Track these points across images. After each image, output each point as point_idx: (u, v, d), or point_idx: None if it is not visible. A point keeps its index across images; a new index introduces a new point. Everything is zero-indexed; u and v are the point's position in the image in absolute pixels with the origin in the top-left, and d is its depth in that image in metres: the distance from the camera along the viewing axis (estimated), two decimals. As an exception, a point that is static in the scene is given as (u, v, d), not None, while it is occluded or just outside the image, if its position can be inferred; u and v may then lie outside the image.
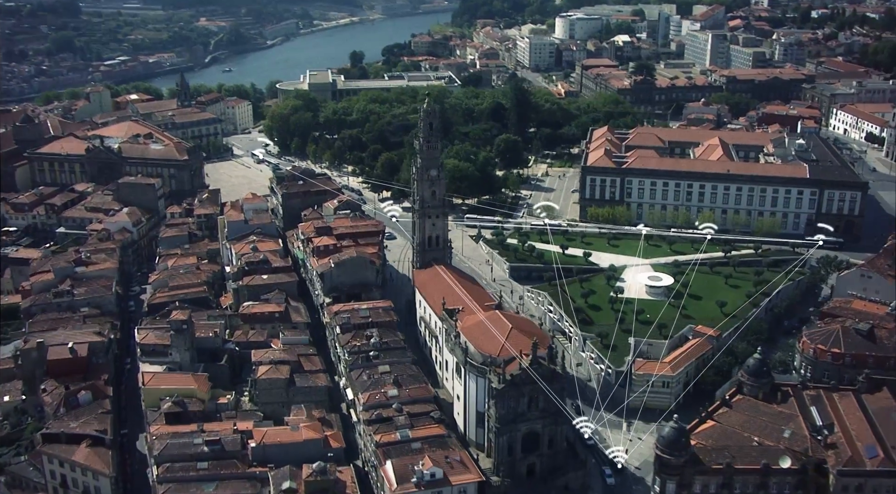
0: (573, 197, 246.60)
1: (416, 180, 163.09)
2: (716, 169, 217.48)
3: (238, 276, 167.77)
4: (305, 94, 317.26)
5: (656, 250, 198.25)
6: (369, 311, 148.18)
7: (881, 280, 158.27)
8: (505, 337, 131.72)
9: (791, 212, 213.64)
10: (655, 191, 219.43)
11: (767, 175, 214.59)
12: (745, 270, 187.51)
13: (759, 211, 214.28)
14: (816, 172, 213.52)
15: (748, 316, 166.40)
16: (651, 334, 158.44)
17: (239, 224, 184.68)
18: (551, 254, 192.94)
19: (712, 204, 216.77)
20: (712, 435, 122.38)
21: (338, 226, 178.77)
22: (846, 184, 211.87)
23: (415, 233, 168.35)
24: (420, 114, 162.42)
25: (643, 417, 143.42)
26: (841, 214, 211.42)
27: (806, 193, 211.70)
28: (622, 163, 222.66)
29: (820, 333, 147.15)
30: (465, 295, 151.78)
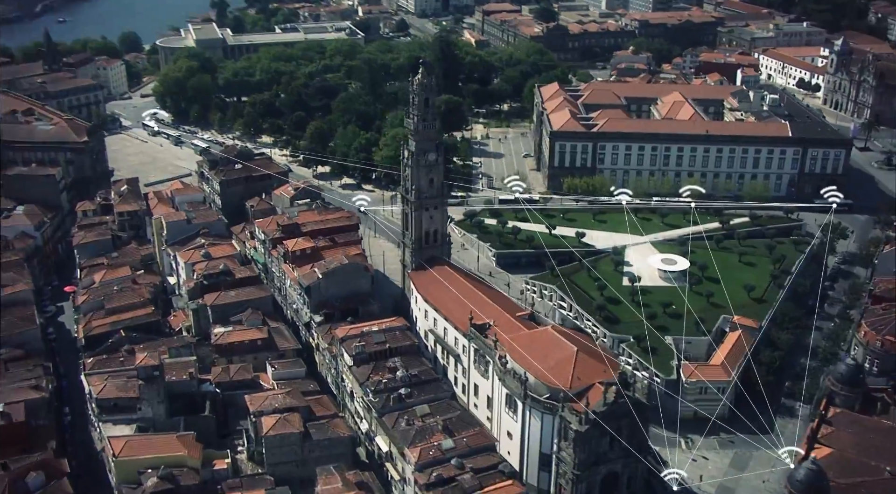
0: (527, 163, 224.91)
1: (410, 166, 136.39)
2: (693, 130, 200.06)
3: (196, 293, 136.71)
4: (197, 54, 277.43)
5: (648, 224, 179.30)
6: (384, 334, 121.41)
7: None
8: (573, 364, 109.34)
9: (773, 174, 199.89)
10: (630, 157, 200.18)
11: (750, 135, 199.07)
12: (752, 243, 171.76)
13: (739, 173, 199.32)
14: (798, 130, 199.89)
15: (777, 300, 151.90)
16: (686, 330, 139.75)
17: (180, 224, 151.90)
18: (538, 237, 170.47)
19: (691, 167, 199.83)
20: (834, 466, 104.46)
21: (305, 222, 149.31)
22: (831, 141, 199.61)
23: (406, 228, 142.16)
24: (413, 86, 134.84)
25: (697, 429, 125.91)
26: (824, 174, 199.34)
27: (789, 153, 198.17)
28: (591, 127, 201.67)
29: (884, 321, 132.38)
30: (490, 304, 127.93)
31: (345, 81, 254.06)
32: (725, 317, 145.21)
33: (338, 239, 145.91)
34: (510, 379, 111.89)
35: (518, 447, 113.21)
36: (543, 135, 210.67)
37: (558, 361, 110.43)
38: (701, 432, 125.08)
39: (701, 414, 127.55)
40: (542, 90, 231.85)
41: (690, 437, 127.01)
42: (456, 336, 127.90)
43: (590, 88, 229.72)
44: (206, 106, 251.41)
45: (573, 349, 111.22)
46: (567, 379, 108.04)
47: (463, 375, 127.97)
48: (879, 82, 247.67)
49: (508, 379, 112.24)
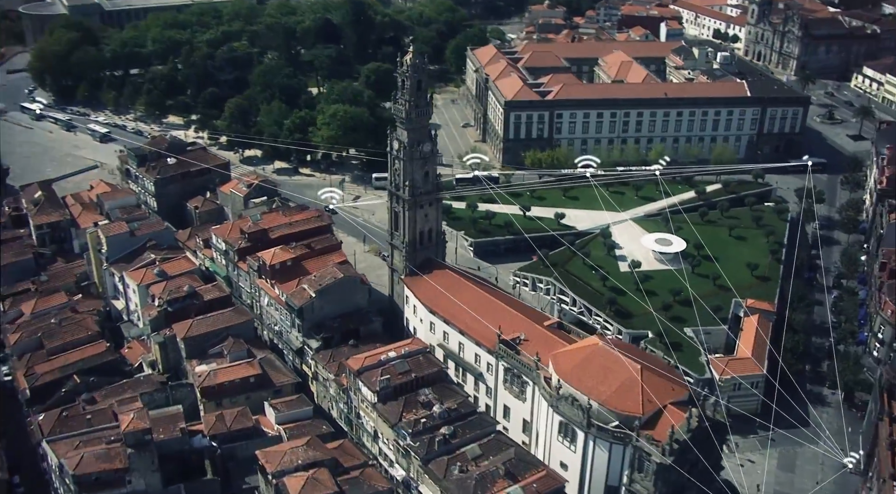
0: (469, 134, 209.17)
1: (402, 159, 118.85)
2: (652, 93, 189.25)
3: (160, 323, 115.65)
4: (73, 23, 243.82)
5: (623, 199, 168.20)
6: (407, 362, 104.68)
7: None
8: (640, 386, 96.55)
9: (732, 135, 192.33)
10: (589, 125, 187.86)
11: (710, 96, 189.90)
12: (735, 213, 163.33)
13: (699, 137, 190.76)
14: (756, 89, 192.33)
15: (779, 277, 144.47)
16: (701, 319, 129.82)
17: (122, 238, 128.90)
18: (515, 221, 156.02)
19: (650, 133, 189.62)
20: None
21: (272, 227, 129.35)
22: (789, 99, 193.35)
23: (396, 228, 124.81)
24: (402, 67, 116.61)
25: (733, 429, 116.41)
26: (782, 133, 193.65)
27: (748, 113, 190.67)
28: (545, 95, 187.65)
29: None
30: (511, 313, 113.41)
31: (253, 50, 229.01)
32: (738, 301, 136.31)
33: (314, 245, 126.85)
34: (567, 405, 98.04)
35: (577, 478, 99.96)
36: (490, 103, 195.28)
37: (623, 383, 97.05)
38: (735, 431, 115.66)
39: (734, 411, 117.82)
40: (477, 54, 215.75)
41: (728, 438, 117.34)
42: (477, 352, 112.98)
43: (528, 50, 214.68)
44: (96, 84, 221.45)
45: (636, 367, 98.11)
46: (638, 404, 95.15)
47: (487, 395, 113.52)
48: (805, 33, 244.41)
49: (564, 405, 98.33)
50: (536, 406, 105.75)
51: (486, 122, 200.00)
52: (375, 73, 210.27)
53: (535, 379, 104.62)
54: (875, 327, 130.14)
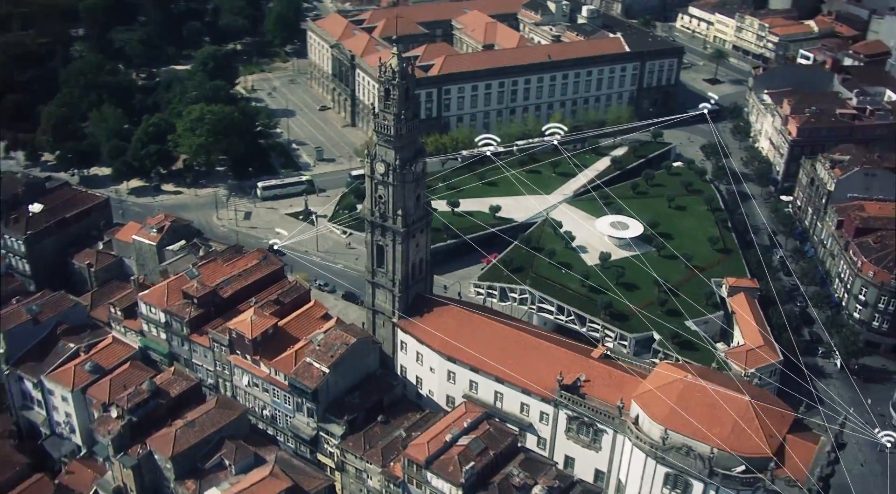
0: (332, 118, 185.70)
1: (392, 184, 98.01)
2: (535, 57, 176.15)
3: (125, 441, 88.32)
4: None
5: (542, 179, 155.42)
6: (481, 439, 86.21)
7: (887, 174, 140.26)
8: (757, 421, 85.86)
9: (615, 93, 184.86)
10: (477, 98, 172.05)
11: (593, 55, 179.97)
12: (661, 181, 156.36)
13: (584, 98, 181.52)
14: (633, 43, 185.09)
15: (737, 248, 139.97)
16: (692, 307, 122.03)
17: (24, 328, 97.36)
18: (446, 219, 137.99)
19: (538, 100, 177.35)
20: None
21: (218, 281, 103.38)
22: (665, 51, 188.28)
23: (380, 264, 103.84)
24: (385, 74, 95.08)
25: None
26: (660, 86, 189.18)
27: (629, 68, 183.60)
28: (427, 68, 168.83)
29: (882, 254, 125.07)
30: (549, 348, 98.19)
31: (45, 41, 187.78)
32: (718, 281, 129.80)
33: (283, 298, 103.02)
34: (678, 456, 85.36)
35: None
36: (361, 84, 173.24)
37: (737, 421, 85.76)
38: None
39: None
40: (324, 25, 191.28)
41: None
42: (524, 401, 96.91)
43: (377, 17, 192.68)
44: None
45: (745, 401, 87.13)
46: (763, 442, 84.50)
47: (539, 446, 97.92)
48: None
49: (676, 456, 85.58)
50: (620, 455, 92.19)
51: (356, 105, 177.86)
52: (214, 58, 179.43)
53: (618, 427, 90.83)
54: (855, 289, 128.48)
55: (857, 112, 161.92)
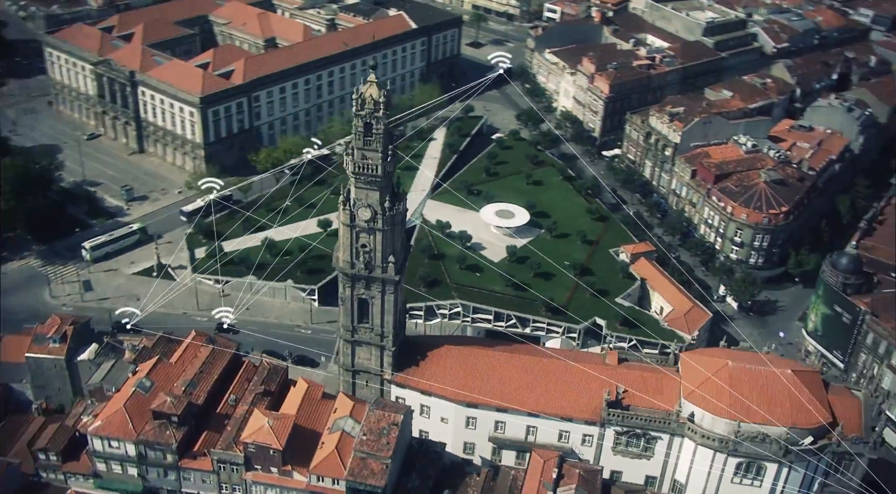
0: (110, 145, 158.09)
1: (382, 229, 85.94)
2: (333, 48, 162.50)
3: None
4: None
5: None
6: (583, 489, 79.31)
7: (720, 120, 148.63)
8: (806, 392, 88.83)
9: (407, 72, 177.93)
10: (286, 100, 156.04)
11: (386, 37, 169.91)
12: (502, 158, 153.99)
13: (382, 82, 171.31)
14: (418, 18, 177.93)
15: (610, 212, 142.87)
16: (611, 283, 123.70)
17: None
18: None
19: (342, 91, 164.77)
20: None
21: (180, 385, 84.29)
22: (447, 23, 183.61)
23: (361, 320, 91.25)
24: (363, 107, 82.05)
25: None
26: (445, 58, 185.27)
27: (417, 45, 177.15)
28: (228, 76, 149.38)
29: (747, 196, 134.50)
30: (569, 367, 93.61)
31: None
32: (616, 250, 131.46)
33: (267, 387, 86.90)
34: (754, 443, 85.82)
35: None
36: (150, 103, 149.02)
37: (791, 396, 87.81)
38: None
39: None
40: (67, 37, 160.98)
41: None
42: (563, 429, 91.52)
43: (129, 21, 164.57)
44: None
45: (789, 373, 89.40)
46: (821, 410, 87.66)
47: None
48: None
49: (751, 444, 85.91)
50: (676, 457, 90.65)
51: (143, 128, 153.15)
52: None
53: (676, 430, 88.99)
54: (730, 232, 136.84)
55: (650, 62, 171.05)
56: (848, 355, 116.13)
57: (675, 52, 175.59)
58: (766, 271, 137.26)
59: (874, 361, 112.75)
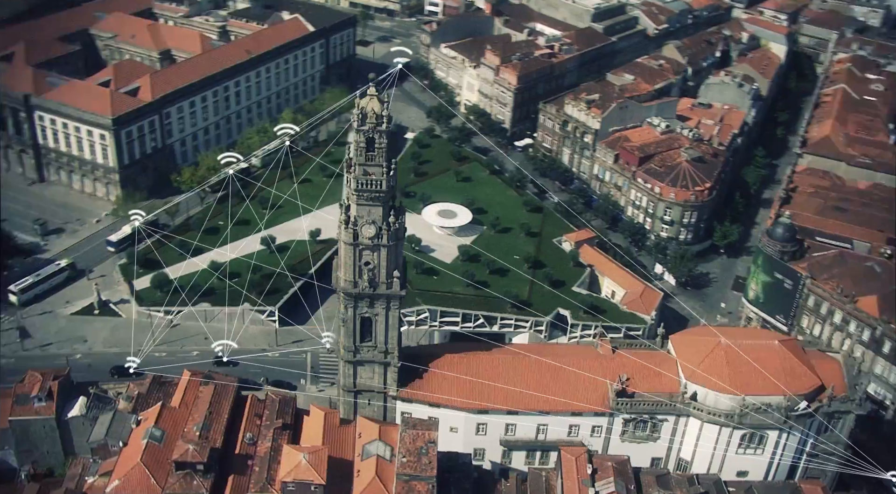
0: (4, 179, 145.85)
1: (387, 245, 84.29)
2: (237, 57, 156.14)
3: None
4: None
5: (314, 186, 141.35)
6: (620, 481, 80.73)
7: (634, 104, 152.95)
8: (795, 359, 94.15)
9: (308, 76, 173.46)
10: (196, 115, 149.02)
11: (287, 42, 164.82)
12: (425, 157, 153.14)
13: (285, 88, 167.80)
14: (315, 20, 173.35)
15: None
16: (568, 272, 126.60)
17: None
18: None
19: (248, 101, 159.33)
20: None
21: (192, 430, 79.74)
22: (342, 23, 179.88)
23: (364, 339, 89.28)
24: (364, 121, 79.80)
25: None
26: (342, 59, 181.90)
27: (317, 48, 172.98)
28: (134, 93, 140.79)
29: (673, 175, 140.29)
30: (566, 357, 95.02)
31: None
32: (559, 240, 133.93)
33: (286, 419, 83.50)
34: (759, 414, 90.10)
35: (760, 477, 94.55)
36: (45, 129, 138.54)
37: (783, 365, 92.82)
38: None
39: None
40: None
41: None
42: (572, 423, 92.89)
43: (6, 40, 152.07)
44: None
45: (775, 344, 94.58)
46: (811, 375, 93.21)
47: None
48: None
49: (756, 415, 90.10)
50: (682, 437, 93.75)
51: (43, 156, 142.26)
52: None
53: (682, 411, 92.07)
54: (659, 212, 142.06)
55: (550, 50, 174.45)
56: (791, 318, 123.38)
57: (571, 40, 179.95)
58: (696, 246, 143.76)
59: (817, 321, 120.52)
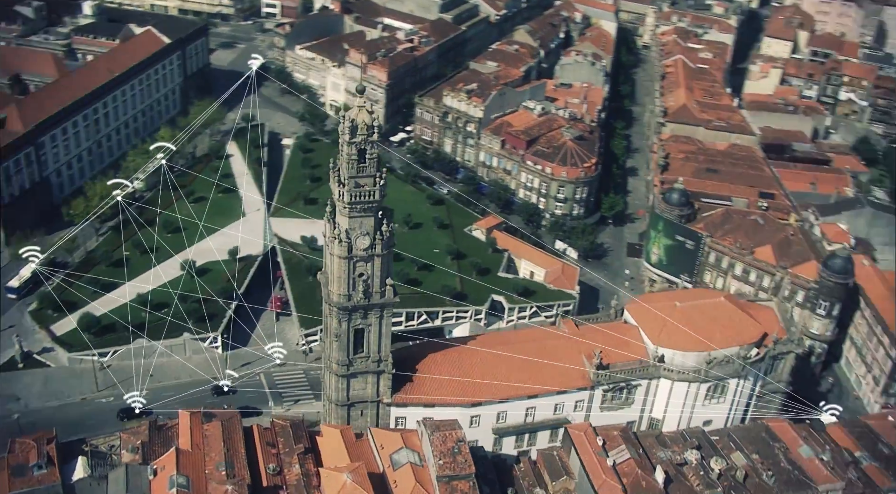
0: None
1: (381, 254, 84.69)
2: (102, 77, 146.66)
3: None
4: None
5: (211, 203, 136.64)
6: (629, 450, 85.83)
7: (511, 90, 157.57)
8: (739, 312, 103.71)
9: (168, 91, 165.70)
10: (69, 143, 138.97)
11: (145, 57, 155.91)
12: (318, 162, 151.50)
13: (148, 105, 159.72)
14: (169, 32, 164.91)
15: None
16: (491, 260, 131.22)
17: None
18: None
19: (116, 122, 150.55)
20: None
21: (215, 472, 77.05)
22: (195, 33, 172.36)
23: (357, 350, 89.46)
24: (354, 134, 79.50)
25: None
26: (198, 70, 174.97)
27: (175, 61, 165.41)
28: (0, 125, 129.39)
29: (561, 155, 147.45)
30: (544, 339, 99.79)
31: None
32: (468, 230, 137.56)
33: (305, 443, 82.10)
34: (720, 367, 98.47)
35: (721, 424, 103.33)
36: None
37: (731, 318, 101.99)
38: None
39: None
40: None
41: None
42: (557, 402, 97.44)
43: None
44: None
45: (722, 300, 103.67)
46: (757, 325, 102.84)
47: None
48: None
49: (718, 369, 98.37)
50: (653, 398, 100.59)
51: None
52: None
53: (654, 374, 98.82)
54: (553, 191, 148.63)
55: (411, 44, 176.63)
56: (695, 275, 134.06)
57: (428, 32, 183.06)
58: (589, 219, 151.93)
59: (719, 275, 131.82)
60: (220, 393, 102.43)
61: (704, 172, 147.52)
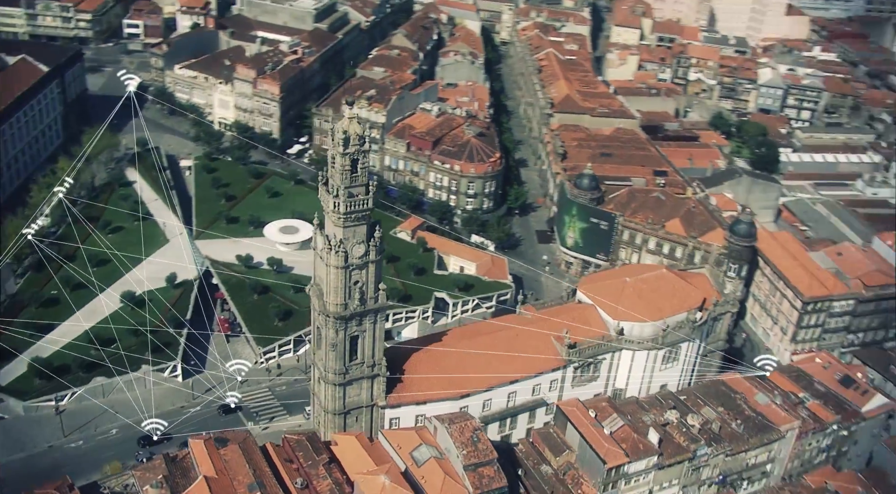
0: None
1: (370, 261, 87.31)
2: None
3: None
4: None
5: (131, 232, 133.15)
6: (624, 418, 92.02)
7: (408, 94, 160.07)
8: (683, 281, 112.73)
9: (50, 121, 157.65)
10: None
11: (24, 88, 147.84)
12: (226, 180, 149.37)
13: (35, 137, 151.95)
14: (45, 58, 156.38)
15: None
16: (428, 260, 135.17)
17: None
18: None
19: (7, 155, 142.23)
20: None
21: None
22: (72, 58, 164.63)
23: (353, 356, 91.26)
24: (346, 144, 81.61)
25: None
26: (80, 95, 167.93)
27: (53, 90, 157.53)
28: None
29: (467, 152, 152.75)
30: (514, 329, 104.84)
31: None
32: (393, 233, 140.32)
33: (327, 454, 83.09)
34: (674, 334, 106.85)
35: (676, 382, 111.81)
36: None
37: (678, 287, 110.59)
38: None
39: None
40: None
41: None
42: (535, 384, 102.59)
43: None
44: None
45: (664, 271, 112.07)
46: (701, 290, 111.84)
47: (546, 412, 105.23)
48: None
49: (672, 336, 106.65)
50: (617, 370, 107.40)
51: None
52: None
53: (617, 347, 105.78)
54: (463, 187, 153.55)
55: (293, 54, 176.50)
56: (610, 253, 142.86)
57: (308, 42, 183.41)
58: (498, 212, 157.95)
59: (633, 251, 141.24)
60: (228, 411, 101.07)
61: (599, 157, 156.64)
